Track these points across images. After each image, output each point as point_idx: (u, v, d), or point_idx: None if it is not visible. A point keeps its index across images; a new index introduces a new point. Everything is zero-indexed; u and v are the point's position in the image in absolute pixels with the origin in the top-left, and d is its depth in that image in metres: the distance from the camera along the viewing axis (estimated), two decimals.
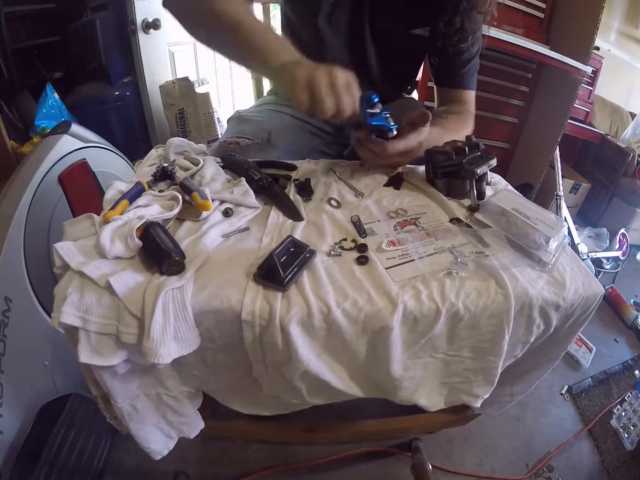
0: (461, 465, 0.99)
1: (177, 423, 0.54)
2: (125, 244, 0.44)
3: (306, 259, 0.47)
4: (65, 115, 1.62)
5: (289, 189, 0.63)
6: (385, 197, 0.63)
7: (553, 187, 1.73)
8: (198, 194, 0.51)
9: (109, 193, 0.53)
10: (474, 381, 0.57)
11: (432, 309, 0.45)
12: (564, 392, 1.21)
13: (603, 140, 2.10)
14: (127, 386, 0.47)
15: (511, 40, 1.45)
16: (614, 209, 2.05)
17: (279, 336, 0.43)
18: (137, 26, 1.64)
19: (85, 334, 0.40)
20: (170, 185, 0.58)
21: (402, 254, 0.51)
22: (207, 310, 0.42)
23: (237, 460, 0.94)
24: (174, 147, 0.66)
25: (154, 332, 0.39)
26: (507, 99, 1.81)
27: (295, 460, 0.94)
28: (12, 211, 0.76)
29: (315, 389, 0.51)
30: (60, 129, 0.96)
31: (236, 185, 0.58)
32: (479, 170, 0.59)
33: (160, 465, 0.60)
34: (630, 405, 1.16)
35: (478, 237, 0.55)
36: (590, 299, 0.51)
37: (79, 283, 0.41)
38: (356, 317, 0.44)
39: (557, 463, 1.02)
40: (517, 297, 0.47)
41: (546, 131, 1.77)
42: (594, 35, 1.54)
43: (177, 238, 0.48)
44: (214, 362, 0.48)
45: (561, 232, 0.54)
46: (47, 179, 0.85)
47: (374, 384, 0.53)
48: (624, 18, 2.28)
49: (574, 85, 1.63)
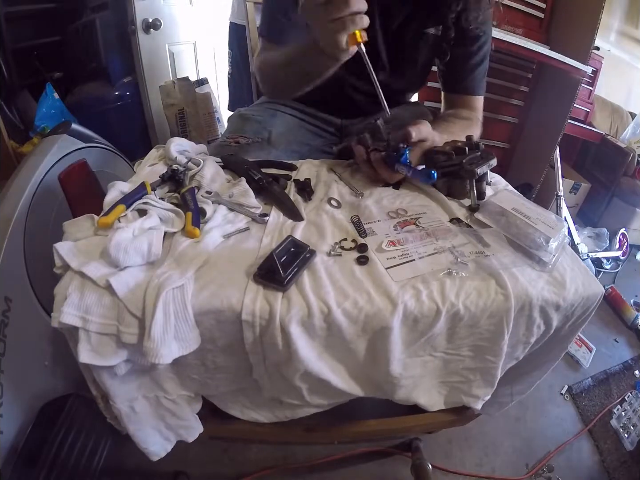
0: (461, 465, 0.99)
1: (175, 426, 0.54)
2: (142, 256, 0.44)
3: (306, 259, 0.47)
4: (65, 115, 1.62)
5: (289, 189, 0.63)
6: (385, 197, 0.63)
7: (553, 187, 1.73)
8: (192, 217, 0.49)
9: (110, 194, 0.53)
10: (473, 381, 0.57)
11: (432, 309, 0.45)
12: (564, 392, 1.21)
13: (603, 140, 2.10)
14: (126, 387, 0.47)
15: (511, 40, 1.45)
16: (614, 209, 2.05)
17: (279, 336, 0.43)
18: (137, 26, 1.64)
19: (85, 334, 0.40)
20: (172, 192, 0.57)
21: (402, 254, 0.51)
22: (207, 310, 0.42)
23: (237, 460, 0.94)
24: (174, 145, 0.66)
25: (154, 332, 0.39)
26: (507, 99, 1.81)
27: (295, 460, 0.94)
28: (12, 211, 0.76)
29: (316, 389, 0.51)
30: (60, 129, 0.96)
31: (236, 185, 0.58)
32: (479, 170, 0.59)
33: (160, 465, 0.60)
34: (630, 405, 1.16)
35: (478, 237, 0.55)
36: (590, 299, 0.51)
37: (79, 283, 0.41)
38: (356, 317, 0.44)
39: (557, 463, 1.02)
40: (517, 297, 0.47)
41: (546, 131, 1.77)
42: (594, 35, 1.54)
43: (178, 237, 0.48)
44: (214, 365, 0.48)
45: (561, 232, 0.54)
46: (47, 179, 0.85)
47: (373, 383, 0.53)
48: (624, 18, 2.28)
49: (574, 85, 1.63)
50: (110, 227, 0.47)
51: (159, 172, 0.61)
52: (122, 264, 0.42)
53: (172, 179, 0.58)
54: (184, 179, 0.58)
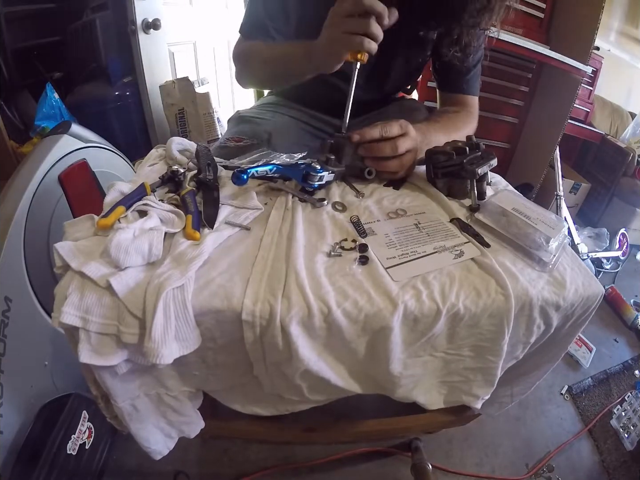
0: (461, 465, 0.99)
1: (177, 423, 0.54)
2: (142, 256, 0.44)
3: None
4: (65, 115, 1.62)
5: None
6: (385, 197, 0.63)
7: (553, 187, 1.73)
8: (192, 220, 0.49)
9: (110, 195, 0.53)
10: (473, 381, 0.57)
11: (432, 309, 0.45)
12: (564, 392, 1.21)
13: (603, 140, 2.10)
14: (128, 386, 0.46)
15: (511, 40, 1.45)
16: (614, 209, 2.06)
17: (280, 336, 0.43)
18: (137, 26, 1.64)
19: (85, 334, 0.40)
20: (172, 193, 0.57)
21: (402, 253, 0.51)
22: (207, 310, 0.42)
23: (237, 460, 0.94)
24: (175, 144, 0.66)
25: (155, 333, 0.39)
26: (507, 99, 1.81)
27: (295, 460, 0.94)
28: (12, 211, 0.76)
29: (316, 387, 0.51)
30: (60, 129, 0.96)
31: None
32: (480, 170, 0.59)
33: (160, 465, 0.60)
34: (630, 405, 1.16)
35: (478, 237, 0.55)
36: (590, 299, 0.51)
37: (79, 283, 0.41)
38: (356, 317, 0.44)
39: (557, 463, 1.02)
40: (518, 297, 0.47)
41: (546, 131, 1.78)
42: (594, 35, 1.54)
43: (178, 238, 0.48)
44: (214, 362, 0.48)
45: (561, 232, 0.54)
46: (47, 179, 0.85)
47: (373, 381, 0.53)
48: (624, 18, 2.29)
49: (574, 85, 1.63)
50: (110, 229, 0.46)
51: (159, 172, 0.61)
52: (122, 264, 0.42)
53: (172, 180, 0.58)
54: (184, 181, 0.58)
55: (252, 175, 0.54)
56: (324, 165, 0.58)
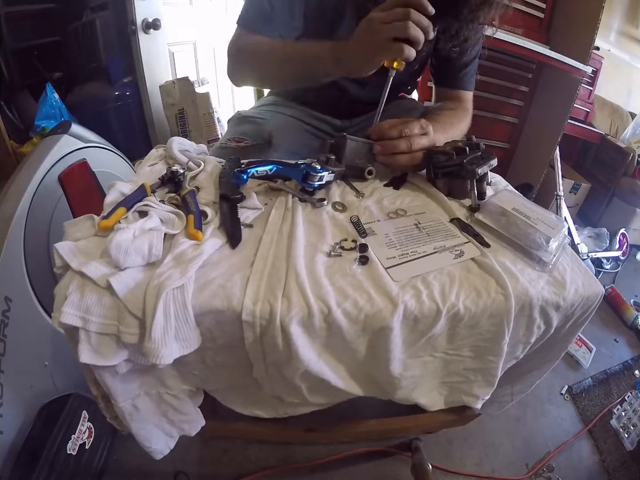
0: (461, 465, 0.99)
1: (178, 421, 0.54)
2: (142, 256, 0.43)
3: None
4: (65, 115, 1.62)
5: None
6: (385, 197, 0.63)
7: (553, 187, 1.73)
8: (194, 219, 0.49)
9: (110, 196, 0.52)
10: (473, 381, 0.57)
11: (432, 309, 0.45)
12: (564, 392, 1.21)
13: (603, 140, 2.10)
14: (128, 386, 0.46)
15: (511, 40, 1.45)
16: (614, 209, 2.06)
17: (280, 336, 0.43)
18: (137, 26, 1.64)
19: (85, 334, 0.40)
20: (173, 193, 0.57)
21: (402, 253, 0.51)
22: (207, 310, 0.42)
23: (237, 460, 0.94)
24: (176, 144, 0.66)
25: (155, 333, 0.39)
26: (507, 99, 1.81)
27: (295, 460, 0.94)
28: (12, 211, 0.76)
29: (316, 388, 0.51)
30: (60, 129, 0.96)
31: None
32: (480, 170, 0.59)
33: (160, 465, 0.60)
34: (630, 405, 1.16)
35: (478, 237, 0.55)
36: (590, 299, 0.50)
37: (79, 283, 0.41)
38: (356, 317, 0.44)
39: (557, 463, 1.02)
40: (518, 297, 0.47)
41: (546, 131, 1.78)
42: (594, 35, 1.54)
43: (178, 238, 0.48)
44: (214, 362, 0.48)
45: (561, 232, 0.54)
46: (47, 179, 0.85)
47: (373, 383, 0.53)
48: (624, 18, 2.29)
49: (574, 85, 1.63)
50: (110, 230, 0.46)
51: (159, 172, 0.60)
52: (122, 264, 0.42)
53: (172, 180, 0.58)
54: (184, 181, 0.58)
55: (252, 175, 0.54)
56: (324, 165, 0.58)
